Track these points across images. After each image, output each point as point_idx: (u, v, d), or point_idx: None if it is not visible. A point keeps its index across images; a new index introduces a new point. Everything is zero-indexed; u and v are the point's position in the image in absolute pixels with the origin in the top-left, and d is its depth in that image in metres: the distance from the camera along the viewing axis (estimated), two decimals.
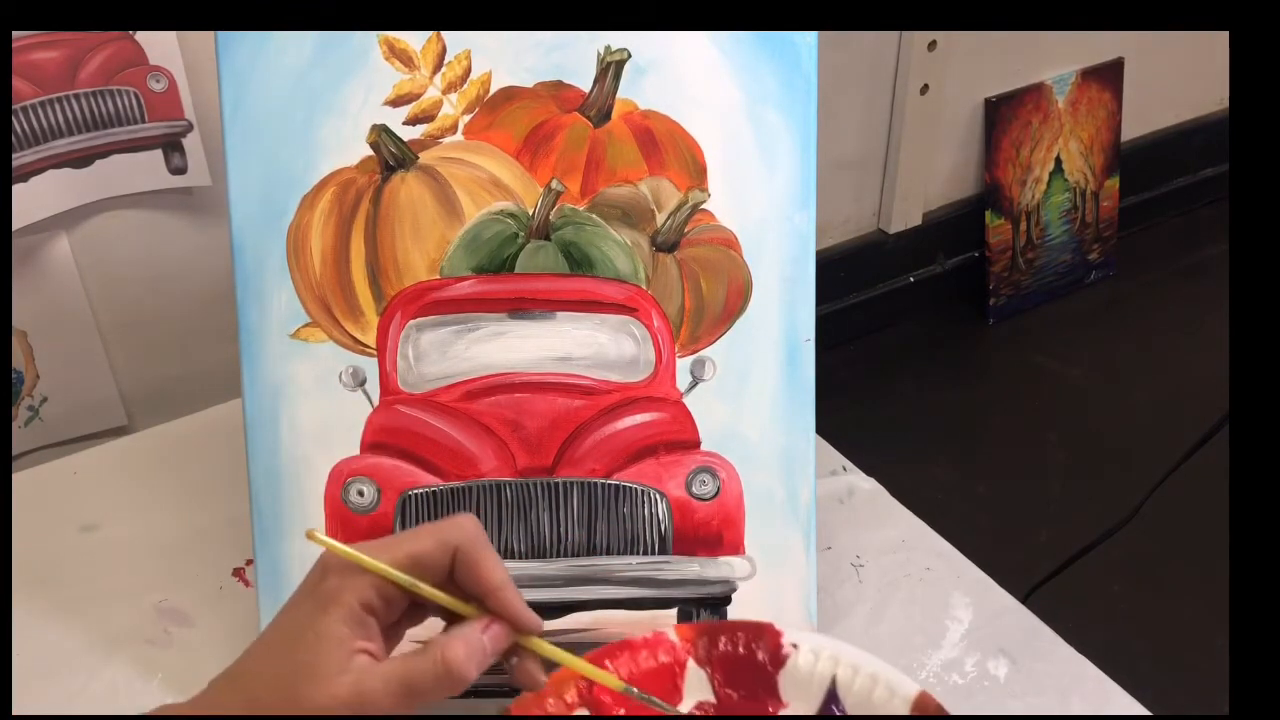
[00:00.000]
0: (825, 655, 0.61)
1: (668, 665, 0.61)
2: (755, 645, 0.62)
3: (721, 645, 0.62)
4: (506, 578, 0.50)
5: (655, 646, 0.62)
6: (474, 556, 0.49)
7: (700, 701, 0.61)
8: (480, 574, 0.50)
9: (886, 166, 1.74)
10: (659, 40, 0.75)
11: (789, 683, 0.61)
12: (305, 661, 0.46)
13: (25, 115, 0.97)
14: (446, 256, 0.75)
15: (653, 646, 0.62)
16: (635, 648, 0.62)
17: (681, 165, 0.76)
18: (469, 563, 0.49)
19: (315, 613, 0.47)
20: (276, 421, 0.75)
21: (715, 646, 0.62)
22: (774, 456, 0.77)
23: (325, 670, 0.45)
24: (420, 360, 0.76)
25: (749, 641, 0.62)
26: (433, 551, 0.49)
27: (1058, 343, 1.87)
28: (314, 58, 0.74)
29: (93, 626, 0.85)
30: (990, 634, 0.82)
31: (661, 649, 0.62)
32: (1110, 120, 1.92)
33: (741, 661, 0.61)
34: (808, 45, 0.75)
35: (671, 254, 0.76)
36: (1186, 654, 1.34)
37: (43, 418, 1.10)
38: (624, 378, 0.76)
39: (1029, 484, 1.62)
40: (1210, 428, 1.35)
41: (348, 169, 0.75)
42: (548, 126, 0.75)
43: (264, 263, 0.75)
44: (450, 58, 0.75)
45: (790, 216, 0.76)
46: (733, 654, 0.62)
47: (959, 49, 1.67)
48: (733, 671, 0.61)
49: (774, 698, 0.61)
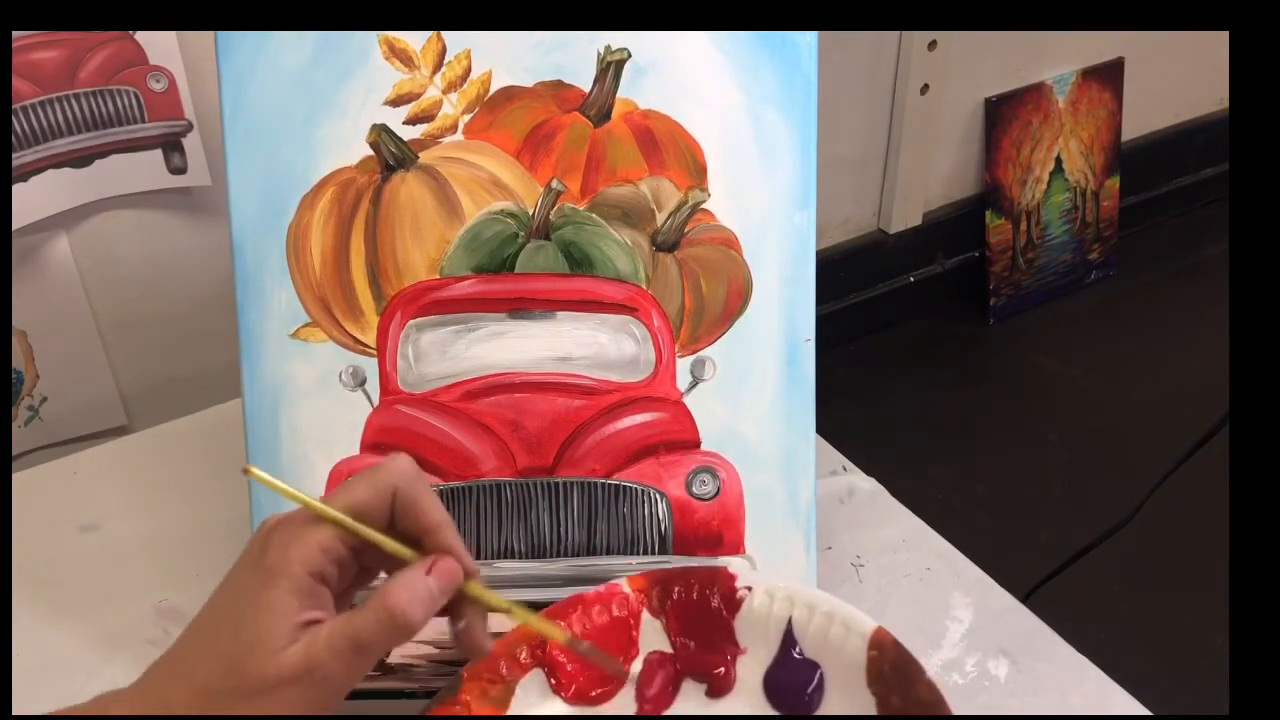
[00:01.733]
0: (780, 596, 0.59)
1: (622, 619, 0.60)
2: (709, 591, 0.60)
3: (675, 594, 0.60)
4: (446, 518, 0.48)
5: (608, 600, 0.61)
6: (411, 495, 0.48)
7: (656, 651, 0.60)
8: (418, 513, 0.48)
9: (886, 166, 1.74)
10: (659, 40, 0.75)
11: (745, 627, 0.60)
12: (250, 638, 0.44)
13: (25, 115, 0.97)
14: (446, 256, 0.75)
15: (605, 600, 0.61)
16: (589, 602, 0.61)
17: (681, 165, 0.76)
18: (407, 502, 0.47)
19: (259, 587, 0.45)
20: (276, 421, 0.75)
21: (669, 596, 0.60)
22: (774, 456, 0.76)
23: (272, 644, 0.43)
24: (420, 360, 0.76)
25: (703, 588, 0.60)
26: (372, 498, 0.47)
27: (1058, 343, 1.87)
28: (314, 58, 0.74)
29: (93, 626, 0.85)
30: (990, 634, 0.82)
31: (615, 602, 0.61)
32: (1110, 120, 1.92)
33: (696, 609, 0.60)
34: (808, 45, 0.75)
35: (671, 254, 0.76)
36: (1186, 654, 1.34)
37: (43, 418, 1.10)
38: (624, 378, 0.76)
39: (1029, 484, 1.62)
40: (1210, 428, 1.35)
41: (348, 169, 0.75)
42: (548, 126, 0.75)
43: (264, 263, 0.75)
44: (450, 57, 0.75)
45: (790, 216, 0.76)
46: (687, 601, 0.60)
47: (959, 49, 1.67)
48: (688, 619, 0.60)
49: (730, 642, 0.60)
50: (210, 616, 0.46)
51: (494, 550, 0.76)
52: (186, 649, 0.46)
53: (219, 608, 0.46)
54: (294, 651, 0.43)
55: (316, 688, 0.44)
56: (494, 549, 0.76)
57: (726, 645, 0.60)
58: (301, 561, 0.45)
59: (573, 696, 0.59)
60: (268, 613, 0.44)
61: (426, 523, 0.48)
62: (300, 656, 0.43)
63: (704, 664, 0.60)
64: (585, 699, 0.59)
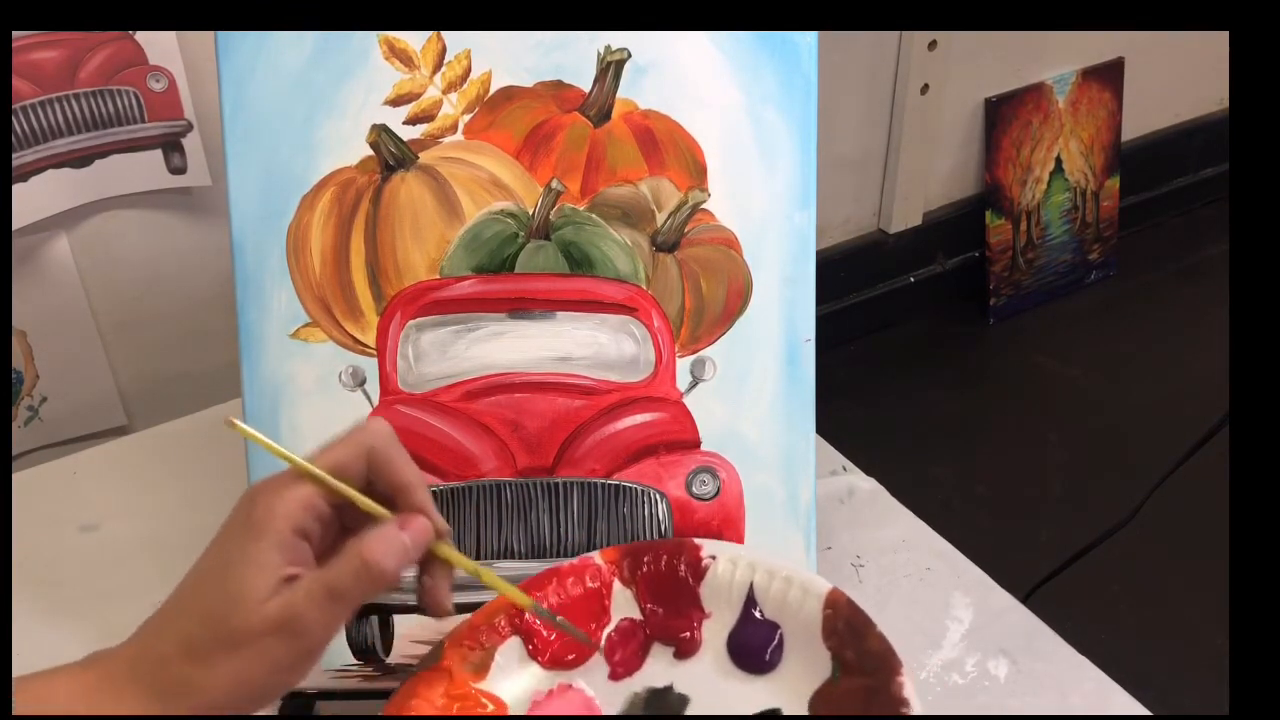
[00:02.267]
0: (743, 564, 0.63)
1: (595, 590, 0.64)
2: (676, 561, 0.64)
3: (645, 565, 0.64)
4: (419, 479, 0.50)
5: (582, 572, 0.64)
6: (387, 455, 0.49)
7: (627, 618, 0.64)
8: (393, 472, 0.49)
9: (886, 166, 1.74)
10: (659, 40, 0.75)
11: (710, 593, 0.63)
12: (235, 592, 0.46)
13: (25, 115, 0.97)
14: (446, 256, 0.75)
15: (579, 572, 0.64)
16: (563, 574, 0.64)
17: (681, 165, 0.76)
18: (383, 462, 0.49)
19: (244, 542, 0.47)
20: (276, 421, 0.75)
21: (639, 566, 0.64)
22: (774, 456, 0.77)
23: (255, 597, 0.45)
24: (420, 360, 0.76)
25: (670, 559, 0.64)
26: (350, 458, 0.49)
27: (1058, 343, 1.87)
28: (314, 58, 0.74)
29: (93, 626, 0.85)
30: (990, 634, 0.82)
31: (588, 574, 0.64)
32: (1110, 120, 1.92)
33: (664, 578, 0.63)
34: (808, 45, 0.75)
35: (671, 254, 0.76)
36: (1186, 654, 1.34)
37: (43, 418, 1.10)
38: (624, 378, 0.76)
39: (1029, 484, 1.62)
40: (1210, 428, 1.35)
41: (348, 169, 0.75)
42: (548, 126, 0.75)
43: (264, 263, 0.75)
44: (450, 57, 0.75)
45: (790, 216, 0.76)
46: (655, 571, 0.64)
47: (959, 49, 1.67)
48: (657, 588, 0.64)
49: (696, 608, 0.63)
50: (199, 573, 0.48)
51: (494, 550, 0.76)
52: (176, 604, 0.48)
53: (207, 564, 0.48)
54: (275, 604, 0.45)
55: (297, 638, 0.45)
56: (494, 549, 0.76)
57: (693, 611, 0.63)
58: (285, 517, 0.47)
59: (548, 661, 0.63)
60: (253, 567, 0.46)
61: (400, 481, 0.50)
62: (280, 608, 0.45)
63: (672, 628, 0.63)
64: (560, 664, 0.63)
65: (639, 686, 0.62)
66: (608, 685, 0.62)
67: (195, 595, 0.47)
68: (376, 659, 0.76)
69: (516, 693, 0.62)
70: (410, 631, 0.76)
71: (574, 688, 0.62)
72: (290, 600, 0.46)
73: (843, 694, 0.57)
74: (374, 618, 0.76)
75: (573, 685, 0.62)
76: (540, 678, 0.63)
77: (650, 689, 0.62)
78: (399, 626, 0.76)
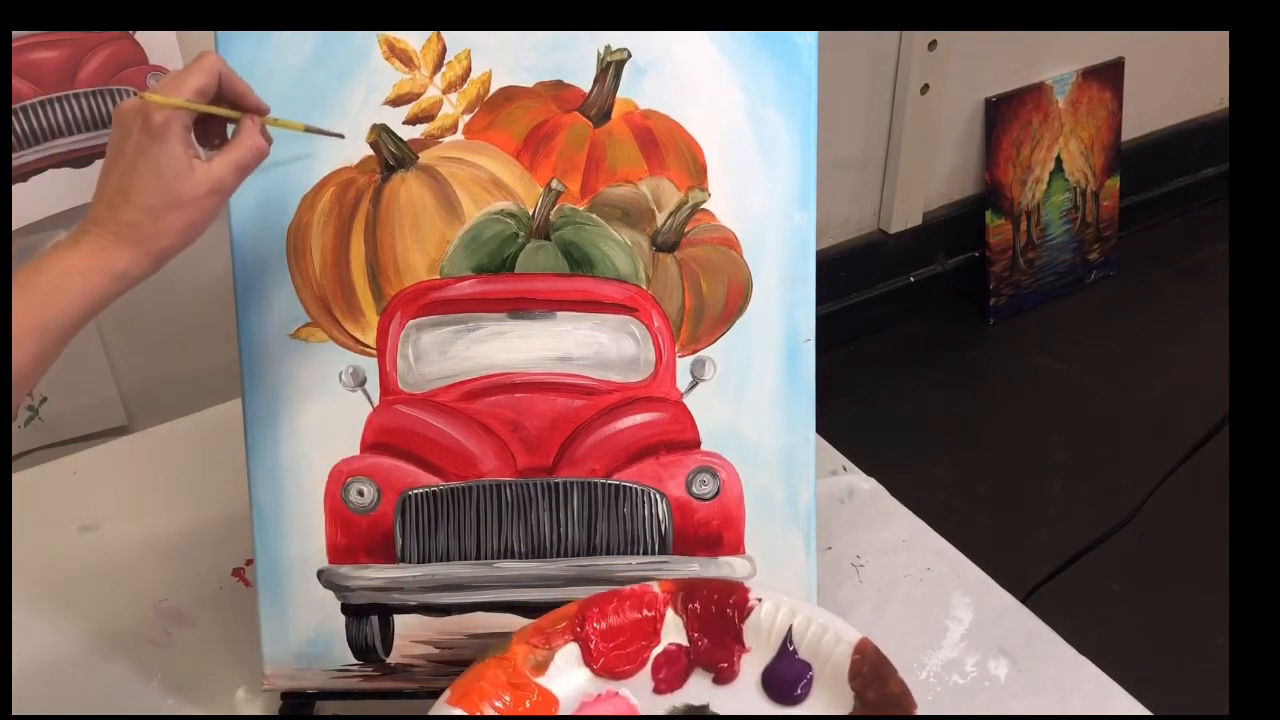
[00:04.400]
0: (784, 608, 0.70)
1: (650, 617, 0.71)
2: (726, 598, 0.71)
3: (697, 598, 0.71)
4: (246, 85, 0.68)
5: (640, 597, 0.72)
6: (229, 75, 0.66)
7: (675, 643, 0.71)
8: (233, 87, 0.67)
9: (886, 166, 1.74)
10: (659, 40, 0.75)
11: (752, 631, 0.70)
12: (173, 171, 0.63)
13: (25, 115, 0.97)
14: (447, 256, 0.75)
15: (638, 597, 0.72)
16: (623, 597, 0.72)
17: (681, 165, 0.76)
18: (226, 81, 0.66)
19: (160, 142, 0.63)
20: (276, 421, 0.75)
21: (692, 600, 0.71)
22: (774, 456, 0.76)
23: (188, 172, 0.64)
24: (420, 360, 0.76)
25: (721, 596, 0.71)
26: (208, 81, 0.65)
27: (1058, 343, 1.87)
28: (314, 58, 0.74)
29: (93, 626, 0.85)
30: (991, 634, 0.82)
31: (646, 599, 0.72)
32: (1110, 120, 1.92)
33: (712, 612, 0.71)
34: (808, 45, 0.75)
35: (671, 254, 0.76)
36: (1186, 654, 1.34)
37: (43, 418, 1.10)
38: (624, 378, 0.76)
39: (1029, 484, 1.62)
40: (1210, 428, 1.35)
41: (348, 169, 0.75)
42: (548, 126, 0.75)
43: (264, 263, 0.75)
44: (450, 58, 0.75)
45: (790, 216, 0.76)
46: (705, 605, 0.71)
47: (959, 49, 1.67)
48: (705, 620, 0.71)
49: (738, 643, 0.70)
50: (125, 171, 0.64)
51: (494, 550, 0.76)
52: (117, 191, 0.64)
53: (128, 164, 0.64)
54: (202, 174, 0.64)
55: (221, 196, 0.66)
56: (494, 549, 0.76)
57: (734, 644, 0.70)
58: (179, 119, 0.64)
59: (601, 670, 0.70)
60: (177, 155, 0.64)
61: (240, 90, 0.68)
62: (209, 176, 0.64)
63: (713, 657, 0.70)
64: (612, 673, 0.70)
65: (678, 702, 0.69)
66: (651, 698, 0.69)
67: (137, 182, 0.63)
68: (376, 659, 0.76)
69: (568, 691, 0.69)
70: (410, 631, 0.76)
71: (620, 695, 0.69)
72: (214, 170, 0.65)
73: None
74: (374, 618, 0.76)
75: (619, 693, 0.69)
76: (591, 682, 0.70)
77: (689, 705, 0.68)
78: (399, 626, 0.76)
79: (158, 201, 0.64)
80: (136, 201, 0.64)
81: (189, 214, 0.64)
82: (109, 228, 0.64)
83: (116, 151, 0.65)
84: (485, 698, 0.67)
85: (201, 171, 0.64)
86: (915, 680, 0.78)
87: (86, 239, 0.64)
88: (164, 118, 0.63)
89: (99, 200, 0.65)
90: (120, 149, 0.64)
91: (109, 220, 0.64)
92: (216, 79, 0.66)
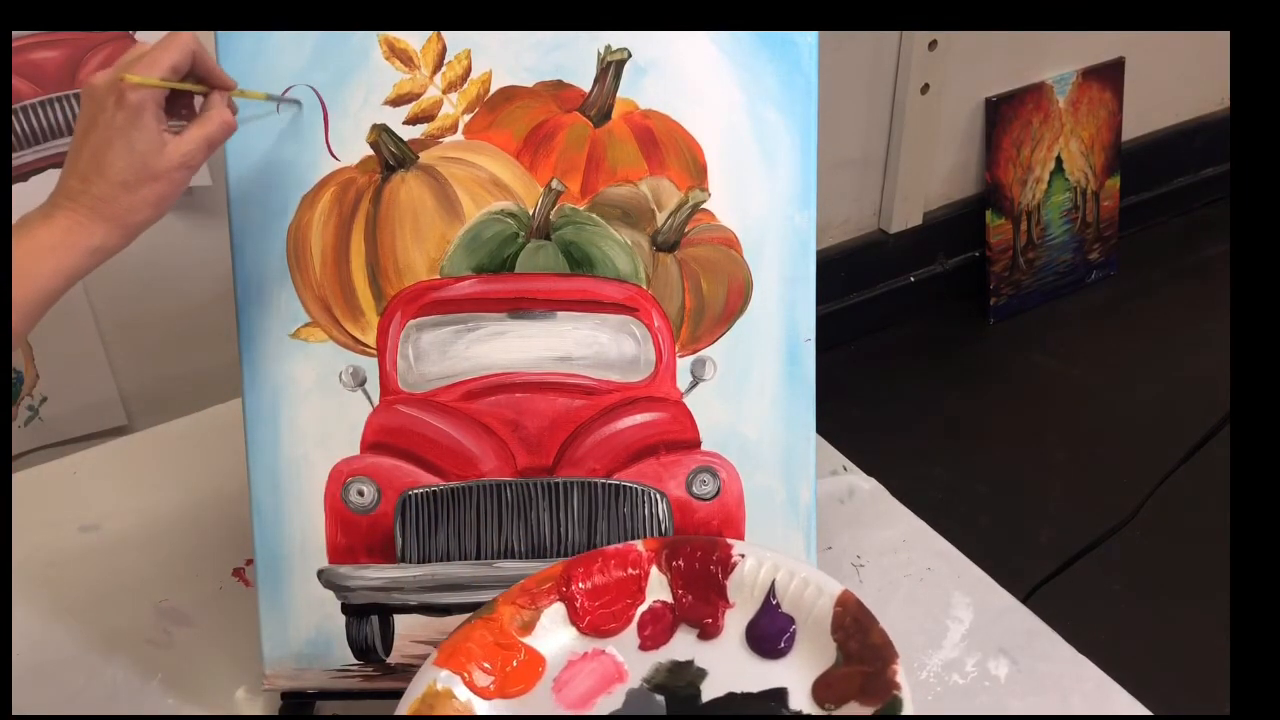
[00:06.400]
0: (767, 564, 0.70)
1: (635, 575, 0.72)
2: (709, 555, 0.71)
3: (681, 556, 0.72)
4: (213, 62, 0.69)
5: (624, 556, 0.72)
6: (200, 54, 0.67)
7: (660, 600, 0.71)
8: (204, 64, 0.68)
9: (887, 166, 1.74)
10: (659, 40, 0.75)
11: (735, 586, 0.70)
12: (146, 146, 0.65)
13: (25, 115, 0.97)
14: (447, 256, 0.75)
15: (622, 556, 0.72)
16: (608, 556, 0.72)
17: (682, 165, 0.76)
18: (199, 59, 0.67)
19: (134, 117, 0.64)
20: (276, 421, 0.75)
21: (676, 557, 0.72)
22: (774, 456, 0.76)
23: (160, 147, 0.65)
24: (420, 360, 0.76)
25: (704, 553, 0.71)
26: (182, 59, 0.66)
27: (1058, 343, 1.87)
28: (314, 58, 0.74)
29: (93, 626, 0.85)
30: (991, 634, 0.82)
31: (630, 559, 0.72)
32: (1111, 120, 1.92)
33: (697, 569, 0.71)
34: (808, 45, 0.75)
35: (672, 254, 0.76)
36: (1186, 654, 1.34)
37: (43, 418, 1.10)
38: (624, 377, 0.76)
39: (1029, 484, 1.62)
40: (1210, 428, 1.35)
41: (348, 168, 0.75)
42: (548, 126, 0.75)
43: (264, 263, 0.75)
44: (450, 57, 0.75)
45: (791, 216, 0.76)
46: (689, 562, 0.72)
47: (959, 49, 1.67)
48: (689, 577, 0.71)
49: (723, 598, 0.71)
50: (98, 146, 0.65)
51: (494, 550, 0.76)
52: (90, 166, 0.65)
53: (102, 138, 0.65)
54: (174, 149, 0.65)
55: (190, 170, 0.67)
56: (494, 549, 0.76)
57: (719, 600, 0.71)
58: (152, 96, 0.65)
59: (587, 628, 0.71)
60: (149, 130, 0.65)
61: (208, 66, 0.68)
62: (180, 151, 0.66)
63: (698, 613, 0.71)
64: (597, 631, 0.71)
65: (664, 658, 0.69)
66: (637, 654, 0.69)
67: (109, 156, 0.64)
68: (376, 659, 0.76)
69: (555, 650, 0.70)
70: (410, 631, 0.76)
71: (606, 653, 0.70)
72: (184, 145, 0.66)
73: (842, 677, 0.64)
74: (374, 618, 0.76)
75: (605, 650, 0.70)
76: (577, 640, 0.71)
77: (674, 661, 0.69)
78: (399, 626, 0.76)
79: (131, 176, 0.65)
80: (110, 176, 0.65)
81: (161, 187, 0.66)
82: (83, 202, 0.65)
83: (89, 126, 0.66)
84: (472, 658, 0.68)
85: (173, 146, 0.65)
86: (915, 680, 0.79)
87: (60, 214, 0.65)
88: (140, 96, 0.64)
89: (70, 174, 0.66)
90: (93, 123, 0.65)
91: (82, 194, 0.65)
92: (190, 57, 0.67)
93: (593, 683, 0.68)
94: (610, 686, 0.68)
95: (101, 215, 0.65)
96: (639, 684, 0.68)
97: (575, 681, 0.69)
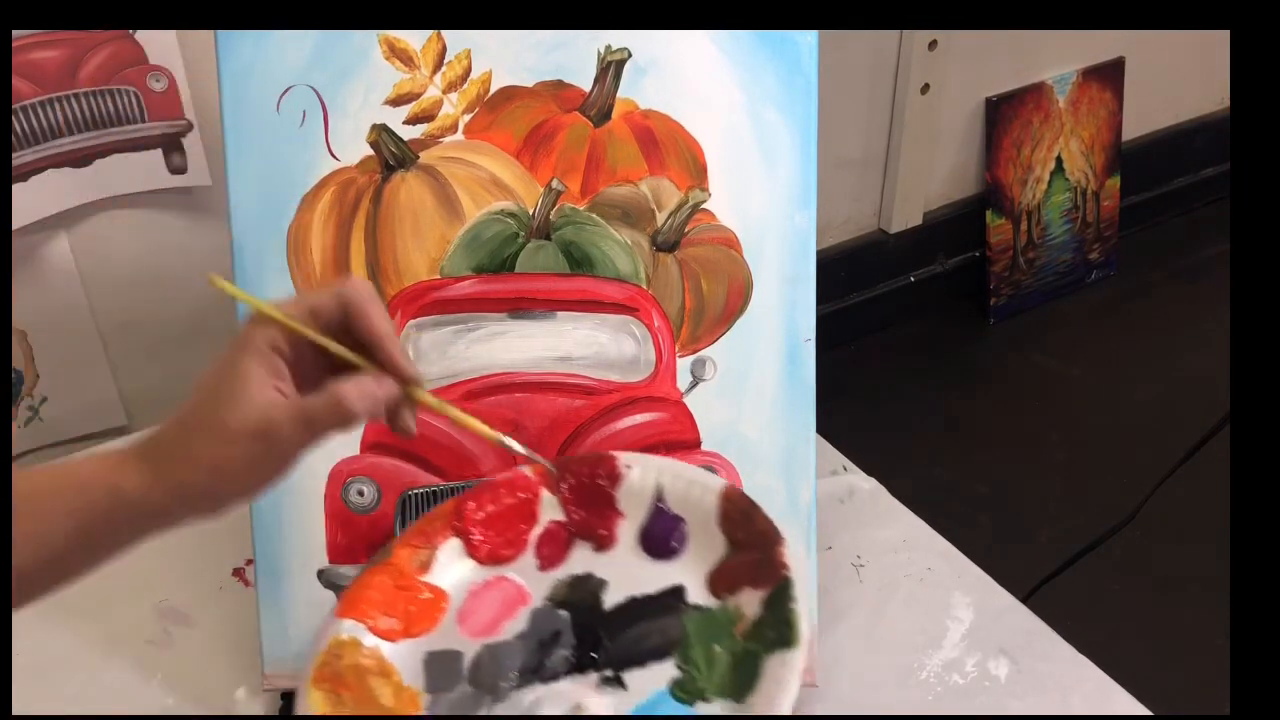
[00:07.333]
0: (653, 470, 0.71)
1: (526, 499, 0.72)
2: (598, 471, 0.72)
3: (570, 476, 0.72)
4: (391, 331, 0.57)
5: (513, 484, 0.72)
6: (362, 309, 0.56)
7: (554, 520, 0.72)
8: (368, 324, 0.56)
9: (887, 166, 1.74)
10: (659, 39, 0.75)
11: (625, 496, 0.71)
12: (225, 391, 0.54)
13: (25, 115, 0.97)
14: (447, 256, 0.75)
15: (511, 483, 0.72)
16: (497, 485, 0.72)
17: (682, 165, 0.76)
18: (358, 314, 0.56)
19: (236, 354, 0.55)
20: None
21: (565, 478, 0.72)
22: (774, 456, 0.76)
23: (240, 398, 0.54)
24: (420, 360, 0.76)
25: (592, 469, 0.72)
26: (327, 303, 0.56)
27: (1058, 343, 1.87)
28: (314, 58, 0.74)
29: (93, 626, 0.84)
30: (991, 634, 0.82)
31: (519, 485, 0.72)
32: (1111, 120, 1.92)
33: (586, 487, 0.72)
34: (808, 45, 0.75)
35: (672, 254, 0.76)
36: (1186, 654, 1.34)
37: (43, 418, 1.10)
38: (624, 378, 0.76)
39: (1029, 484, 1.62)
40: (1210, 428, 1.35)
41: (348, 168, 0.75)
42: (548, 126, 0.75)
43: (264, 263, 0.75)
44: (450, 57, 0.75)
45: (791, 216, 0.76)
46: (579, 480, 0.72)
47: (959, 49, 1.67)
48: (580, 495, 0.72)
49: (613, 509, 0.71)
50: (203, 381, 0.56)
51: None
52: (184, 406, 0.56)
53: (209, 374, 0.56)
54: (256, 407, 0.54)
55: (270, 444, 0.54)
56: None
57: (610, 512, 0.72)
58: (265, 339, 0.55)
59: (485, 558, 0.71)
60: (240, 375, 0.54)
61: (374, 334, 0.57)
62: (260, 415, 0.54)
63: (592, 527, 0.71)
64: (495, 559, 0.71)
65: (563, 575, 0.70)
66: (537, 575, 0.70)
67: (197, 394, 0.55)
68: None
69: (455, 583, 0.71)
70: None
71: (506, 578, 0.71)
72: (270, 412, 0.54)
73: (733, 567, 0.67)
74: None
75: (505, 576, 0.71)
76: (476, 571, 0.71)
77: (573, 575, 0.70)
78: None
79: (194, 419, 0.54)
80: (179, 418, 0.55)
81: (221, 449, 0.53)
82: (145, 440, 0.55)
83: None
84: (375, 606, 0.68)
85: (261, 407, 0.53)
86: (915, 680, 0.79)
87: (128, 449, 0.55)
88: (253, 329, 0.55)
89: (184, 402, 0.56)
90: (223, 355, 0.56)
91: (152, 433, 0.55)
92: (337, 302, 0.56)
93: (497, 609, 0.69)
94: (514, 610, 0.69)
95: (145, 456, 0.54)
96: (542, 603, 0.69)
97: (480, 610, 0.69)
